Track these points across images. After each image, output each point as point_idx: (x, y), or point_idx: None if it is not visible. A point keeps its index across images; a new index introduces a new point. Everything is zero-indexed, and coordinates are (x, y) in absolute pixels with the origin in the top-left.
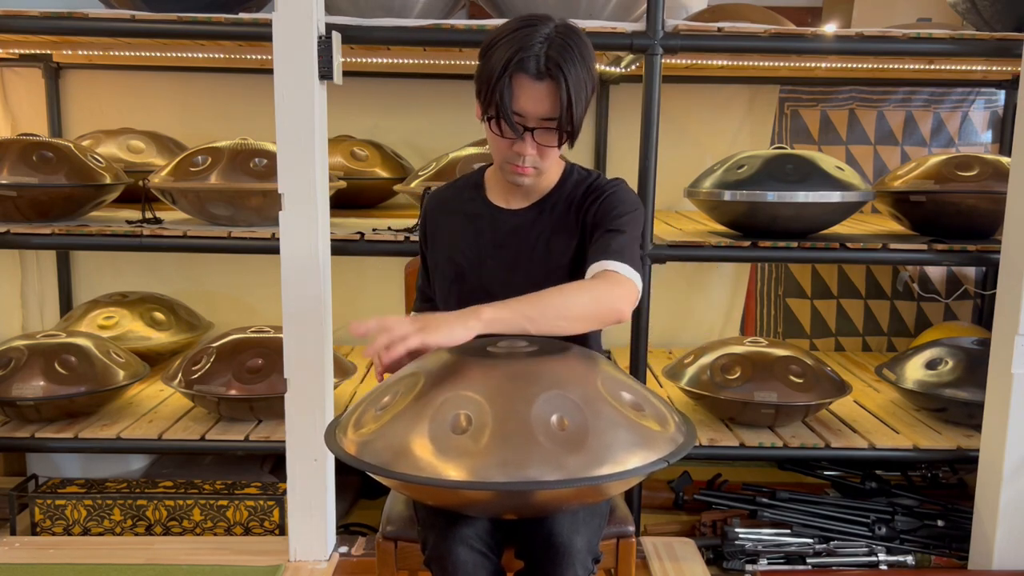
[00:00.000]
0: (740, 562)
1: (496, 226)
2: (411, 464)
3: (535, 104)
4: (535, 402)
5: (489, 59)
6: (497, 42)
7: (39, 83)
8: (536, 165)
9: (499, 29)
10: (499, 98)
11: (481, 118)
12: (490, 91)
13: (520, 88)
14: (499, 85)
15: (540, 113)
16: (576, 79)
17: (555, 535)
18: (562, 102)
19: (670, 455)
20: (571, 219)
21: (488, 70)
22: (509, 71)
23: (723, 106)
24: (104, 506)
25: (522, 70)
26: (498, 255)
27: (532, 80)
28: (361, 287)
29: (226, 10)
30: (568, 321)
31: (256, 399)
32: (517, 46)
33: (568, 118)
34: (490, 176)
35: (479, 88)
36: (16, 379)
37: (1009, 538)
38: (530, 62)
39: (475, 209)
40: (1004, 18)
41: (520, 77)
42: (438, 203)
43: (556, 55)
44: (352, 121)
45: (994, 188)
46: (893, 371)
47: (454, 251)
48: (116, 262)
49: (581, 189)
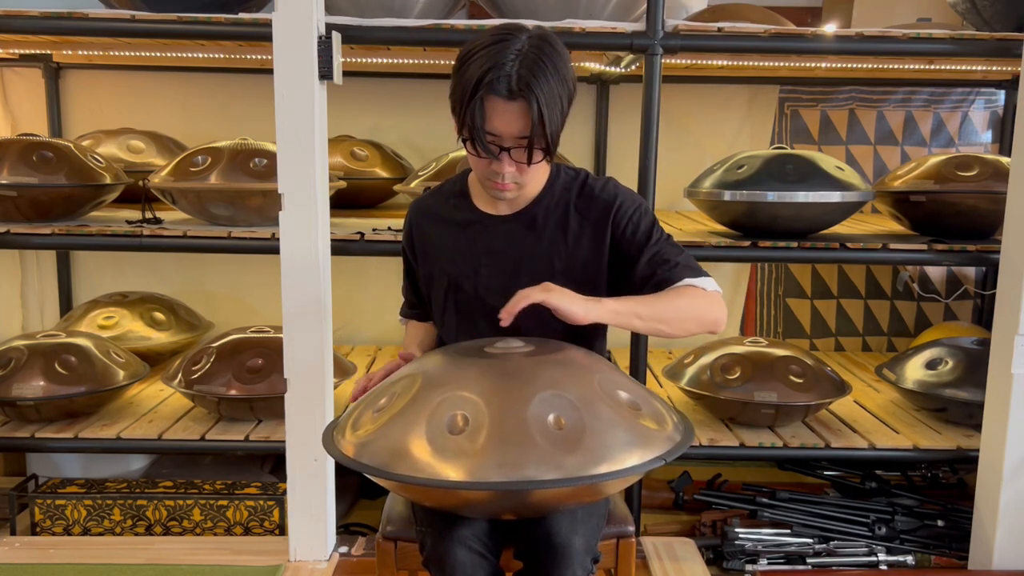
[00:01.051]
0: (740, 562)
1: (487, 233)
2: (409, 465)
3: (508, 124)
4: (532, 402)
5: (461, 77)
6: (470, 58)
7: (39, 83)
8: (516, 181)
9: (472, 42)
10: (471, 120)
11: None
12: (462, 113)
13: (492, 109)
14: (471, 107)
15: (514, 132)
16: (549, 95)
17: (553, 535)
18: (534, 121)
19: (667, 454)
20: (570, 223)
21: (460, 90)
22: (480, 92)
23: (723, 106)
24: (104, 506)
25: (493, 91)
26: (493, 262)
27: (504, 100)
28: (361, 287)
29: (226, 10)
30: (669, 325)
31: (256, 399)
32: (488, 64)
33: (542, 135)
34: (474, 181)
35: (453, 107)
36: (16, 379)
37: (1009, 538)
38: (500, 83)
39: (464, 217)
40: (1004, 18)
41: (491, 99)
42: (423, 213)
43: (527, 73)
44: (352, 121)
45: (994, 188)
46: (893, 371)
47: (446, 261)
48: (116, 262)
49: (575, 192)
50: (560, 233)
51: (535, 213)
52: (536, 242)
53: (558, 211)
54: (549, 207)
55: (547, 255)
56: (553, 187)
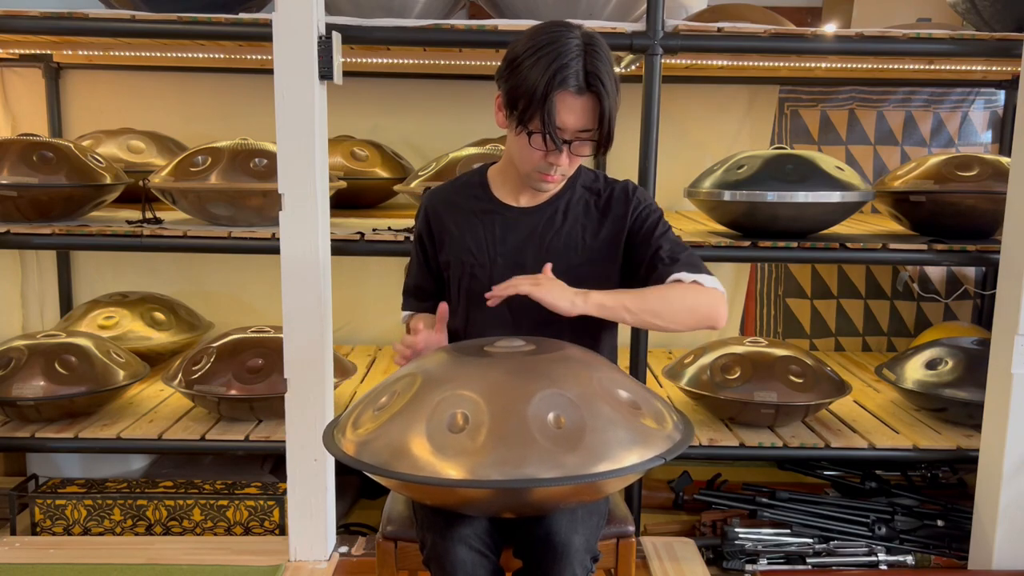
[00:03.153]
0: (740, 562)
1: (506, 224)
2: (409, 463)
3: (576, 118)
4: (532, 400)
5: (526, 75)
6: (527, 56)
7: (39, 83)
8: (564, 173)
9: (524, 42)
10: (545, 114)
11: (510, 129)
12: (533, 108)
13: (563, 104)
14: (545, 103)
15: (579, 126)
16: (612, 89)
17: (553, 534)
18: (602, 114)
19: (667, 452)
20: (587, 219)
21: (527, 87)
22: (553, 88)
23: (723, 106)
24: (104, 506)
25: (564, 86)
26: (508, 254)
27: (574, 95)
28: (361, 287)
29: (226, 10)
30: (661, 319)
31: (256, 399)
32: (558, 61)
33: (608, 128)
34: (494, 175)
35: (515, 103)
36: (16, 379)
37: (1009, 538)
38: (571, 78)
39: (484, 207)
40: (1004, 18)
41: (562, 93)
42: (442, 201)
43: (593, 68)
44: (352, 121)
45: (994, 188)
46: (893, 371)
47: (463, 250)
48: (116, 262)
49: (593, 189)
50: (579, 227)
51: (556, 207)
52: (555, 235)
53: (579, 206)
54: (571, 202)
55: (565, 248)
56: (574, 184)
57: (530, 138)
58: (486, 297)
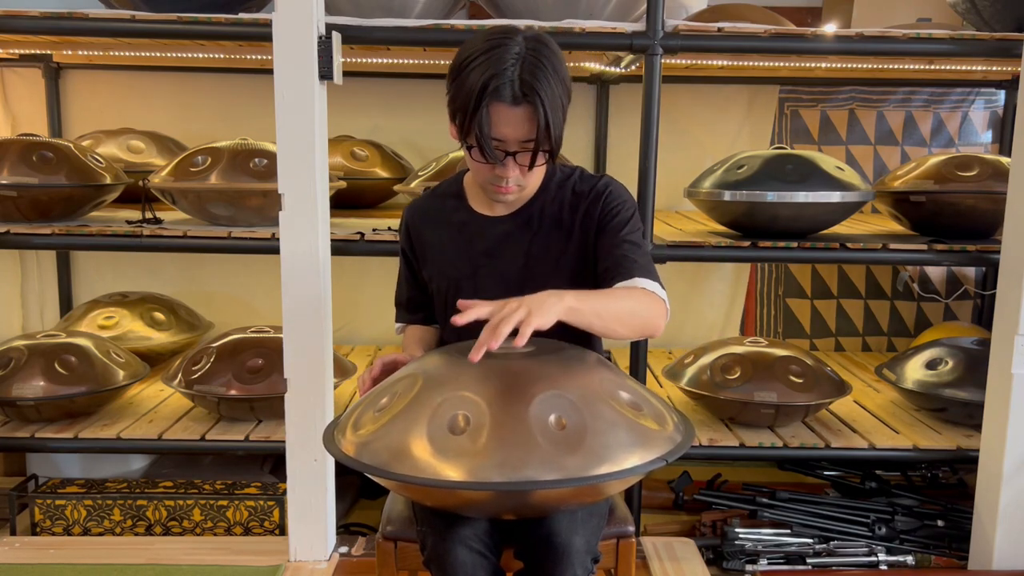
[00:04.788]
0: (740, 562)
1: (485, 235)
2: (410, 465)
3: (514, 129)
4: (533, 402)
5: (462, 84)
6: (467, 64)
7: (39, 83)
8: (519, 183)
9: (467, 48)
10: (477, 128)
11: (458, 141)
12: (467, 120)
13: (497, 115)
14: (476, 115)
15: (519, 137)
16: (552, 98)
17: (554, 535)
18: (539, 124)
19: (668, 454)
20: (565, 221)
21: (463, 97)
22: (485, 99)
23: (723, 106)
24: (104, 506)
25: (498, 98)
26: (490, 264)
27: (509, 106)
28: (361, 287)
29: (226, 10)
30: (623, 327)
31: (256, 399)
32: (490, 71)
33: (547, 138)
34: (469, 183)
35: (454, 114)
36: (16, 379)
37: (1009, 538)
38: (505, 88)
39: (461, 218)
40: (1004, 18)
41: (496, 105)
42: (421, 215)
43: (530, 77)
44: (352, 121)
45: (994, 188)
46: (893, 371)
47: (445, 263)
48: (116, 262)
49: (569, 189)
50: (556, 231)
51: (531, 213)
52: (533, 242)
53: (553, 208)
54: (544, 205)
55: (544, 254)
56: (548, 186)
57: (470, 151)
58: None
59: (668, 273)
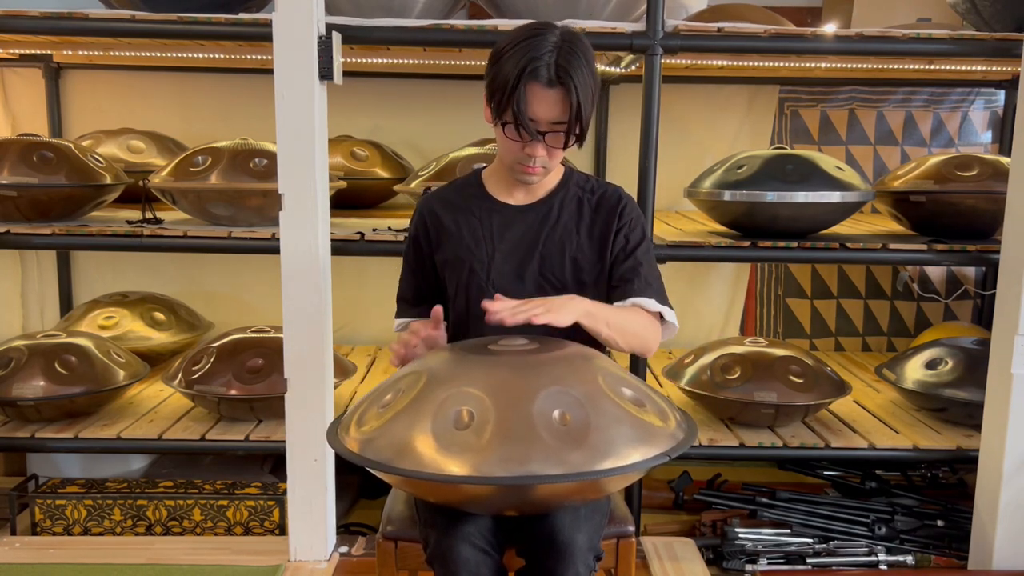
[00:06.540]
0: (740, 562)
1: (505, 221)
2: (413, 460)
3: (547, 110)
4: (537, 398)
5: (501, 68)
6: (506, 51)
7: (39, 83)
8: (545, 165)
9: (506, 38)
10: (515, 106)
11: (492, 122)
12: (505, 99)
13: (533, 94)
14: (514, 94)
15: (551, 118)
16: (584, 85)
17: (557, 532)
18: (572, 107)
19: (671, 450)
20: (581, 218)
21: (502, 79)
22: (523, 80)
23: (723, 106)
24: (104, 506)
25: (534, 78)
26: (507, 249)
27: (544, 87)
28: (361, 287)
29: (226, 10)
30: (623, 342)
31: (256, 399)
32: (528, 55)
33: (577, 121)
34: (489, 176)
35: (492, 95)
36: (16, 379)
37: (1009, 538)
38: (541, 70)
39: (481, 204)
40: (1004, 18)
41: (533, 85)
42: (440, 201)
43: (565, 63)
44: (352, 121)
45: (994, 188)
46: (893, 371)
47: (462, 248)
48: (116, 262)
49: (587, 191)
50: (573, 224)
51: (551, 204)
52: (552, 230)
53: (572, 204)
54: (564, 200)
55: (560, 244)
56: (568, 184)
57: (504, 128)
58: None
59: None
